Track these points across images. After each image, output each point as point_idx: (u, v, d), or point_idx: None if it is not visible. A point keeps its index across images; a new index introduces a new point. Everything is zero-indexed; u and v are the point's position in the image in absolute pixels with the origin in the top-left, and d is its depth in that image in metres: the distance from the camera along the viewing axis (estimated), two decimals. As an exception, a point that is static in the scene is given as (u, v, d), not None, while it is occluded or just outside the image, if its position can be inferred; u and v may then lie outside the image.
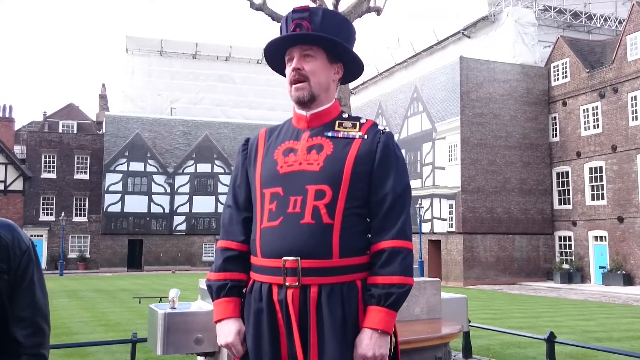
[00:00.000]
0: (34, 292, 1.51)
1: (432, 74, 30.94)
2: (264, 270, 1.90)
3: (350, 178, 1.89)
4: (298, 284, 1.83)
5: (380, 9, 11.66)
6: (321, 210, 1.85)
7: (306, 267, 1.83)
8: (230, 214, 2.05)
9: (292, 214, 1.87)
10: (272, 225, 1.89)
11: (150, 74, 45.23)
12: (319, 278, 1.84)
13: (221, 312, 1.94)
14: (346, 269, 1.87)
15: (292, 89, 2.00)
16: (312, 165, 1.91)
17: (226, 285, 1.95)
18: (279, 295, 1.86)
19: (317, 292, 1.84)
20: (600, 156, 27.24)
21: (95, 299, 18.65)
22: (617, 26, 33.47)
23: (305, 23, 1.98)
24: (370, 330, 1.83)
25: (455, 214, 28.36)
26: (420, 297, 4.96)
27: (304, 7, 2.02)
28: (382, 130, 2.04)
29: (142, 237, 40.35)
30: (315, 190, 1.87)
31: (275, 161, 1.97)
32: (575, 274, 27.39)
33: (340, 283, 1.85)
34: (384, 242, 1.89)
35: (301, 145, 1.97)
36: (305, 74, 1.98)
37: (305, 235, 1.84)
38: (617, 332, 11.18)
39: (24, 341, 1.47)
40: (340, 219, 1.86)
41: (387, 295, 1.83)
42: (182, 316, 3.86)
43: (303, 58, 1.99)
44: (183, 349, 3.85)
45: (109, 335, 10.32)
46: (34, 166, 39.63)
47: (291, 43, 2.00)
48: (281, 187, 1.91)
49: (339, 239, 1.86)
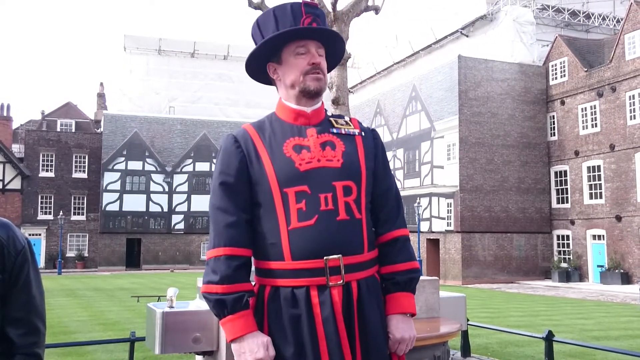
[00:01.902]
0: (29, 291, 1.50)
1: (430, 73, 30.94)
2: (298, 274, 1.80)
3: (366, 173, 1.95)
4: (342, 282, 1.81)
5: (379, 8, 11.64)
6: (352, 206, 1.87)
7: (347, 263, 1.82)
8: (228, 218, 1.85)
9: (326, 211, 1.83)
10: (307, 224, 1.81)
11: (149, 72, 45.21)
12: (356, 274, 1.85)
13: (243, 326, 1.77)
14: (371, 262, 1.92)
15: (306, 78, 1.95)
16: (332, 162, 1.90)
17: (243, 297, 1.79)
18: (319, 297, 1.79)
19: (357, 288, 1.84)
20: (599, 155, 27.26)
21: (93, 297, 18.63)
22: (615, 25, 33.50)
23: (319, 20, 1.99)
24: (402, 315, 1.93)
25: (453, 212, 28.37)
26: (419, 296, 4.95)
27: (315, 3, 2.04)
28: (370, 128, 2.11)
29: (140, 236, 40.32)
30: (343, 186, 1.87)
31: (289, 159, 1.88)
32: (574, 272, 27.43)
33: (366, 277, 1.89)
34: (396, 231, 1.98)
35: (312, 142, 1.92)
36: (322, 69, 1.98)
37: (343, 232, 1.84)
38: (615, 331, 11.20)
39: (18, 340, 1.46)
40: (364, 214, 1.91)
41: (410, 281, 1.95)
42: (180, 315, 3.85)
43: (317, 53, 1.99)
44: (181, 348, 3.84)
45: (107, 334, 10.32)
46: (32, 165, 39.58)
47: (308, 35, 1.98)
48: (307, 185, 1.85)
49: (366, 233, 1.90)
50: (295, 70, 1.96)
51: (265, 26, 2.03)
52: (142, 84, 44.85)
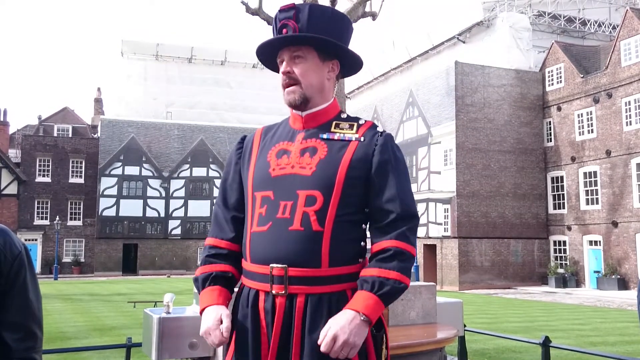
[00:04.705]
0: (26, 296, 1.50)
1: (427, 79, 31.02)
2: (253, 276, 1.84)
3: (343, 184, 1.81)
4: (285, 292, 1.77)
5: (376, 14, 11.69)
6: (311, 217, 1.78)
7: (293, 275, 1.76)
8: (219, 213, 2.00)
9: (281, 219, 1.80)
10: (261, 230, 1.82)
11: (146, 77, 45.19)
12: (306, 287, 1.76)
13: (205, 300, 1.86)
14: (336, 278, 1.79)
15: (284, 92, 1.93)
16: (305, 169, 1.83)
17: (210, 275, 1.89)
18: (265, 302, 1.80)
19: (303, 302, 1.76)
20: (595, 161, 27.33)
21: (89, 303, 18.57)
22: (611, 32, 33.65)
23: (291, 23, 1.88)
24: (354, 312, 1.69)
25: (450, 218, 28.39)
26: (416, 302, 4.96)
27: (290, 5, 1.92)
28: (380, 132, 1.91)
29: (137, 241, 40.22)
30: (306, 196, 1.80)
31: (267, 163, 1.90)
32: (570, 278, 27.45)
33: (329, 293, 1.77)
34: (388, 242, 1.80)
35: (295, 147, 1.89)
36: (295, 77, 1.90)
37: (293, 243, 1.77)
38: (612, 337, 11.21)
39: (15, 345, 1.46)
40: (331, 227, 1.78)
41: (381, 284, 1.73)
42: (176, 321, 3.84)
43: (292, 60, 1.90)
44: (178, 354, 3.83)
45: (103, 339, 10.28)
46: (28, 170, 39.48)
47: (279, 45, 1.92)
48: (272, 191, 1.84)
49: (328, 248, 1.77)
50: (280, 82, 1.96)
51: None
52: (140, 89, 44.83)
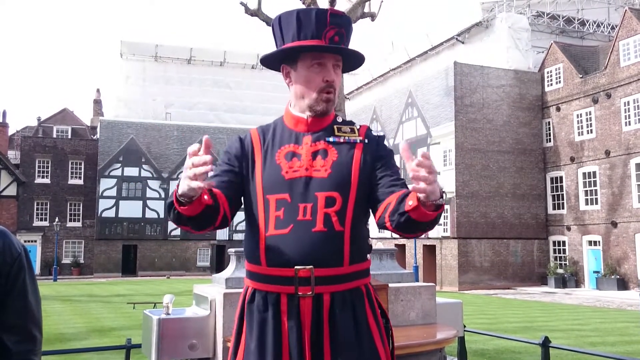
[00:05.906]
0: (25, 298, 1.50)
1: (426, 79, 31.04)
2: (271, 280, 1.83)
3: (357, 183, 1.88)
4: (312, 293, 1.79)
5: (375, 15, 11.70)
6: (332, 218, 1.82)
7: (319, 275, 1.79)
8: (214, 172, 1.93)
9: (303, 221, 1.82)
10: (282, 232, 1.82)
11: (145, 79, 45.20)
12: (331, 286, 1.81)
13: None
14: (354, 275, 1.86)
15: (318, 96, 1.92)
16: (320, 172, 1.87)
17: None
18: (288, 305, 1.81)
19: (329, 301, 1.80)
20: (594, 161, 27.34)
21: (89, 304, 18.55)
22: (609, 32, 33.66)
23: (343, 31, 1.92)
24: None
25: (449, 218, 28.39)
26: (416, 302, 4.95)
27: (341, 12, 1.95)
28: (377, 135, 2.03)
29: (136, 243, 40.21)
30: (325, 197, 1.83)
31: (278, 165, 1.90)
32: (570, 278, 27.45)
33: (349, 290, 1.84)
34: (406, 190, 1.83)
35: (304, 150, 1.91)
36: (334, 87, 1.93)
37: (318, 244, 1.80)
38: (611, 337, 11.21)
39: (14, 347, 1.45)
40: (349, 226, 1.84)
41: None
42: (176, 322, 3.84)
43: (333, 69, 1.93)
44: (177, 355, 3.83)
45: (102, 341, 10.27)
46: (27, 171, 39.46)
47: (327, 50, 1.91)
48: (288, 194, 1.85)
49: (349, 246, 1.83)
50: (308, 84, 1.93)
51: (287, 27, 1.94)
52: (139, 90, 44.83)
